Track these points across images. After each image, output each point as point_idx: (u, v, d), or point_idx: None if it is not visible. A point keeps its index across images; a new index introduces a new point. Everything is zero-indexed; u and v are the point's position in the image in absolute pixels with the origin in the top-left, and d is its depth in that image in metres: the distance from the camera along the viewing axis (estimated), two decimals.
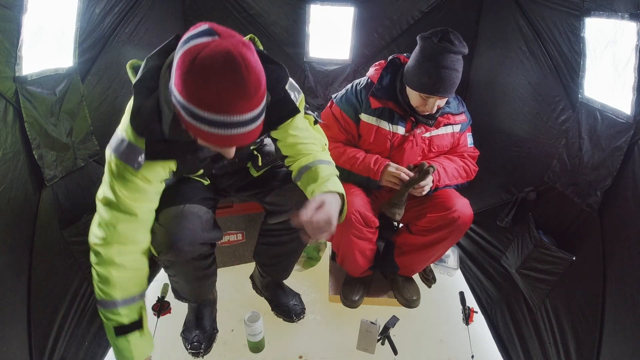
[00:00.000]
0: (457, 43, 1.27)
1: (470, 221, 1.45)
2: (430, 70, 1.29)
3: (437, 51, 1.27)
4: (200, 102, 0.74)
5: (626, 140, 1.03)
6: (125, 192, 0.97)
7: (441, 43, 1.26)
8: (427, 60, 1.30)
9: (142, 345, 1.09)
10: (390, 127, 1.47)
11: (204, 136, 0.79)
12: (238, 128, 0.78)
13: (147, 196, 1.02)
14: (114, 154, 0.96)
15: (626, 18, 1.01)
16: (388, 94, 1.44)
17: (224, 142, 0.80)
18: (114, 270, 1.01)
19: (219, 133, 0.77)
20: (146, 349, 1.11)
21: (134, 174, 0.97)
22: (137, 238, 1.04)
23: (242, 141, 0.82)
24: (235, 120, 0.76)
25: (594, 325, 1.10)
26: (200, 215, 1.15)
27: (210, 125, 0.76)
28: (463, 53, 1.29)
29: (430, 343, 1.58)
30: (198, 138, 0.82)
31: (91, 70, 1.37)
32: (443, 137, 1.53)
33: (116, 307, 1.03)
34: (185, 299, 1.45)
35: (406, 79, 1.39)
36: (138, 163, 0.95)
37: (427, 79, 1.30)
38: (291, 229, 1.35)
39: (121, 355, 1.07)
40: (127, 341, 1.05)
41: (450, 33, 1.28)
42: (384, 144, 1.50)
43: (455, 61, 1.28)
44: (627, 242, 1.02)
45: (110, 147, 0.98)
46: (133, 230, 1.02)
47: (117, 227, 0.99)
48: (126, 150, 0.95)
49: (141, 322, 1.09)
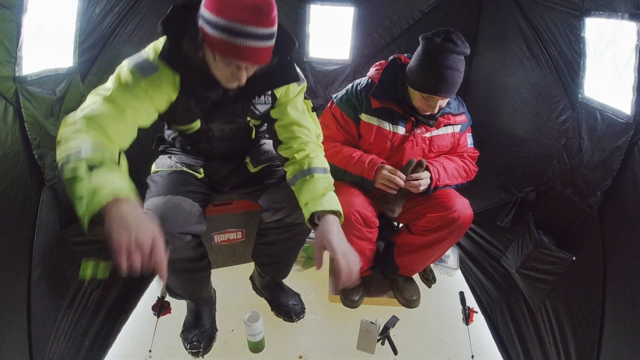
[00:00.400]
0: (459, 43, 1.27)
1: (470, 221, 1.45)
2: (432, 70, 1.29)
3: (440, 51, 1.27)
4: (224, 13, 0.89)
5: (626, 140, 1.03)
6: (123, 91, 1.02)
7: (443, 43, 1.26)
8: (429, 60, 1.30)
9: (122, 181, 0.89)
10: (390, 127, 1.47)
11: (222, 46, 0.92)
12: (253, 40, 0.91)
13: (136, 109, 1.04)
14: (129, 62, 1.05)
15: (626, 18, 1.01)
16: (389, 94, 1.44)
17: (239, 51, 0.92)
18: (90, 136, 0.93)
19: (236, 42, 0.90)
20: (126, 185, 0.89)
21: (139, 80, 1.03)
22: (111, 135, 0.98)
23: (253, 56, 0.95)
24: (252, 31, 0.90)
25: (594, 325, 1.10)
26: (183, 206, 1.17)
27: (230, 34, 0.90)
28: (465, 53, 1.29)
29: (430, 343, 1.58)
30: (217, 52, 0.94)
31: (91, 70, 1.37)
32: (443, 137, 1.53)
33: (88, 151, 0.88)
34: (179, 295, 1.44)
35: (408, 79, 1.39)
36: (146, 73, 1.04)
37: (429, 79, 1.30)
38: (287, 227, 1.35)
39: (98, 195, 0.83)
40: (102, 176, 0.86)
41: (453, 33, 1.28)
42: (384, 144, 1.50)
43: (457, 61, 1.28)
44: (627, 242, 1.02)
45: (128, 59, 1.07)
46: (113, 125, 0.99)
47: (102, 118, 0.97)
48: (142, 63, 1.05)
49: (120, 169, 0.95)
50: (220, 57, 0.96)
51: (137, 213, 0.85)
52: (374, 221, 1.49)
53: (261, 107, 1.26)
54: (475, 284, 1.88)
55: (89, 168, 0.87)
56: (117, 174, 0.91)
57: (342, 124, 1.54)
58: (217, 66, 1.01)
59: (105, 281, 1.50)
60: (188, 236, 1.17)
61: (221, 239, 1.84)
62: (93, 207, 0.83)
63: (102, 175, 0.86)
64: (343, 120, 1.53)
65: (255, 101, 1.25)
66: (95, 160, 0.88)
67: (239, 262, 1.94)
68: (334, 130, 1.56)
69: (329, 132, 1.54)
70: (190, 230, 1.17)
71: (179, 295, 1.43)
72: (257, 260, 1.58)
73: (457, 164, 1.55)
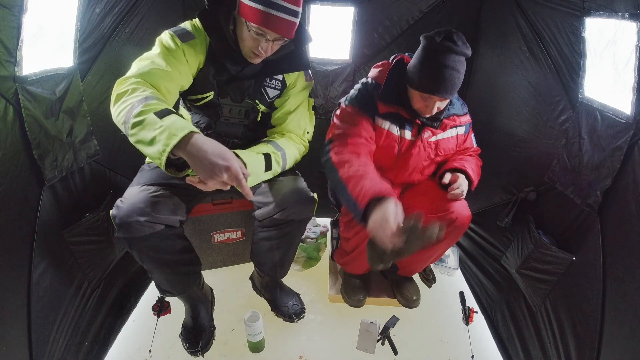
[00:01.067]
0: (459, 43, 1.25)
1: (469, 222, 1.43)
2: (431, 68, 1.27)
3: (440, 50, 1.25)
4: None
5: (626, 140, 1.03)
6: (166, 53, 1.17)
7: (444, 43, 1.25)
8: (429, 59, 1.28)
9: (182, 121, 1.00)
10: (398, 132, 1.44)
11: (258, 15, 1.09)
12: (280, 11, 1.09)
13: (178, 71, 1.18)
14: (170, 31, 1.21)
15: (626, 18, 1.01)
16: (396, 97, 1.41)
17: (272, 21, 1.10)
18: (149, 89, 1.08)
19: (271, 12, 1.08)
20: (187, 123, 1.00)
21: (179, 45, 1.18)
22: (162, 92, 1.13)
23: (282, 28, 1.13)
24: (285, 5, 1.09)
25: (594, 325, 1.10)
26: (156, 195, 1.20)
27: (267, 5, 1.08)
28: (466, 54, 1.27)
29: (430, 343, 1.58)
30: (253, 21, 1.10)
31: (91, 70, 1.37)
32: (449, 140, 1.51)
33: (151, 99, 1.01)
34: (168, 292, 1.42)
35: (408, 78, 1.37)
36: (185, 39, 1.20)
37: (428, 78, 1.29)
38: (280, 226, 1.36)
39: (173, 130, 0.94)
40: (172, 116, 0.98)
41: (455, 34, 1.27)
42: (392, 149, 1.46)
43: (457, 62, 1.26)
44: (627, 242, 1.02)
45: (167, 30, 1.21)
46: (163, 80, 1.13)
47: (153, 72, 1.12)
48: (181, 31, 1.21)
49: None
50: (254, 26, 1.11)
51: (214, 142, 0.99)
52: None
53: (271, 91, 1.37)
54: (475, 284, 1.88)
55: (155, 114, 0.96)
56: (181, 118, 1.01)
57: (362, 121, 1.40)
58: (247, 36, 1.15)
59: (105, 281, 1.50)
60: (159, 226, 1.19)
61: (221, 239, 1.84)
62: (171, 143, 0.92)
63: (171, 117, 0.98)
64: (361, 117, 1.40)
65: (266, 83, 1.36)
66: (161, 106, 0.99)
67: (239, 262, 1.94)
68: (355, 128, 1.38)
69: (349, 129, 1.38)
70: (163, 221, 1.19)
71: (168, 291, 1.41)
72: (255, 260, 1.58)
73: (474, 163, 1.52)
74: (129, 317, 1.64)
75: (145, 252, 1.23)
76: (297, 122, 1.42)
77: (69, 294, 1.29)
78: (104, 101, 1.48)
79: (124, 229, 1.15)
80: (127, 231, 1.15)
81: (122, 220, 1.14)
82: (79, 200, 1.33)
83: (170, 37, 1.19)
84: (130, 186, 1.26)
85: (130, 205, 1.15)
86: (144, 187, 1.23)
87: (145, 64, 1.13)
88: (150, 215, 1.16)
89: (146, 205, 1.16)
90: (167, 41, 1.18)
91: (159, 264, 1.29)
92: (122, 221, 1.14)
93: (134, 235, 1.16)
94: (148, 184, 1.25)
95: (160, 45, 1.18)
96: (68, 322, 1.28)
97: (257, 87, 1.36)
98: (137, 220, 1.14)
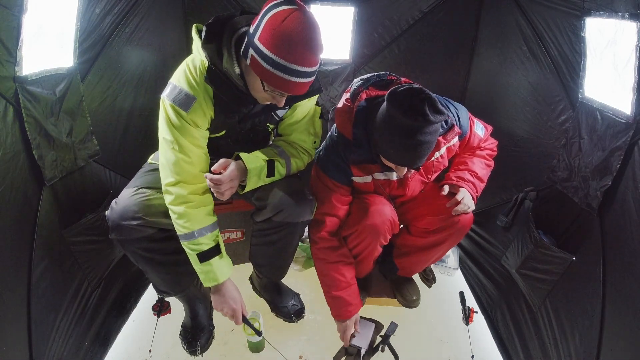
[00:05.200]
0: (431, 112, 1.07)
1: (471, 224, 1.42)
2: (407, 150, 1.14)
3: (413, 130, 1.09)
4: (283, 54, 0.98)
5: (626, 140, 1.03)
6: (178, 134, 1.14)
7: (416, 121, 1.07)
8: (400, 139, 1.12)
9: (223, 267, 1.26)
10: (384, 176, 1.40)
11: (274, 80, 1.02)
12: (300, 77, 1.03)
13: (196, 140, 1.18)
14: (168, 99, 1.13)
15: (626, 18, 1.01)
16: (368, 155, 1.29)
17: (289, 85, 1.04)
18: (186, 205, 1.16)
19: (288, 78, 1.02)
20: (227, 269, 1.28)
21: (184, 117, 1.13)
22: (197, 178, 1.19)
23: (297, 89, 1.07)
24: (301, 70, 1.01)
25: (594, 325, 1.10)
26: (149, 198, 1.22)
27: (285, 72, 1.00)
28: (440, 121, 1.10)
29: (430, 343, 1.58)
30: (269, 83, 1.04)
31: (91, 70, 1.37)
32: (438, 160, 1.41)
33: (195, 237, 1.19)
34: (165, 292, 1.42)
35: (378, 147, 1.23)
36: (187, 107, 1.13)
37: (402, 157, 1.18)
38: (277, 227, 1.35)
39: (207, 277, 1.24)
40: (209, 264, 1.22)
41: (426, 100, 1.07)
42: (384, 188, 1.43)
43: (431, 132, 1.11)
44: (627, 242, 1.02)
45: (166, 95, 1.15)
46: (191, 170, 1.17)
47: (180, 165, 1.15)
48: (180, 98, 1.13)
49: (219, 247, 1.24)
50: (269, 88, 1.06)
51: (231, 290, 1.31)
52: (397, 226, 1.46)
53: (280, 112, 1.35)
54: (475, 284, 1.88)
55: (197, 257, 1.21)
56: (218, 256, 1.24)
57: (337, 194, 1.39)
58: (260, 90, 1.10)
59: (105, 281, 1.50)
60: (151, 229, 1.21)
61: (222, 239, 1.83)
62: (206, 284, 1.26)
63: (209, 264, 1.22)
64: (337, 188, 1.39)
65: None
66: (201, 245, 1.20)
67: (238, 262, 1.94)
68: (331, 204, 1.39)
69: (324, 207, 1.39)
70: (156, 224, 1.22)
71: (164, 291, 1.41)
72: (254, 262, 1.58)
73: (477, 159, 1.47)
74: (129, 317, 1.64)
75: (138, 254, 1.24)
76: (306, 131, 1.39)
77: (69, 294, 1.29)
78: (104, 101, 1.48)
79: (116, 231, 1.17)
80: (119, 233, 1.17)
81: (115, 222, 1.17)
82: (79, 200, 1.33)
83: (173, 110, 1.12)
84: (127, 187, 1.26)
85: (123, 207, 1.17)
86: (139, 190, 1.23)
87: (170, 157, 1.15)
88: (142, 219, 1.18)
89: (139, 209, 1.18)
90: (173, 119, 1.13)
91: (153, 264, 1.29)
92: (115, 223, 1.17)
93: (126, 237, 1.18)
94: (144, 187, 1.25)
95: (167, 124, 1.14)
96: (68, 322, 1.28)
97: (266, 114, 1.33)
98: (129, 223, 1.16)
